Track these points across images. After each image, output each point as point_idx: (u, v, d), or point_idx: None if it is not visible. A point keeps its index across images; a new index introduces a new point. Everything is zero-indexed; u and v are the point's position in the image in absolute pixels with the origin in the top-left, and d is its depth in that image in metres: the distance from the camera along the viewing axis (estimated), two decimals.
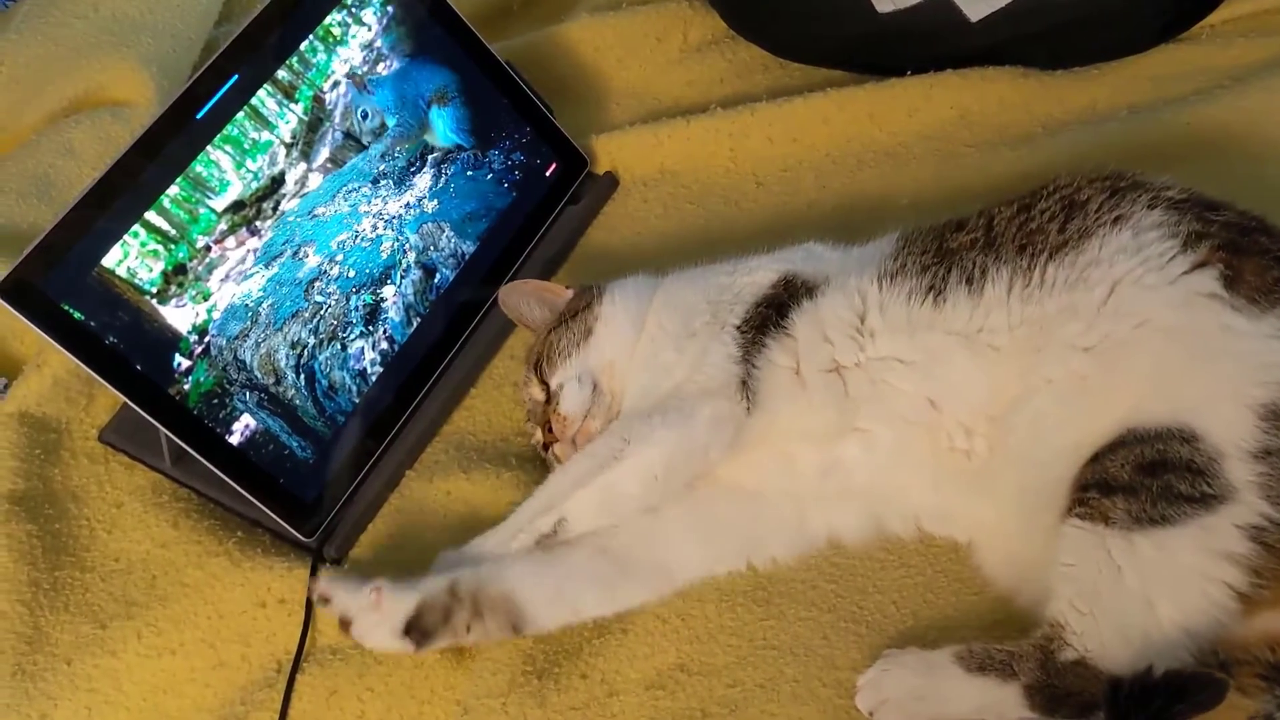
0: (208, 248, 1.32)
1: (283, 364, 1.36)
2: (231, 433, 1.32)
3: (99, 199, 1.25)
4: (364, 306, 1.43)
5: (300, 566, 1.33)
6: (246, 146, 1.35)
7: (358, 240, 1.43)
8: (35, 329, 1.21)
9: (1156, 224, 1.18)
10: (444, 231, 1.50)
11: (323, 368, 1.39)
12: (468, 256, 1.52)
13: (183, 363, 1.30)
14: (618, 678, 1.23)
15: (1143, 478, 1.08)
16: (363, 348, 1.42)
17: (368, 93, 1.45)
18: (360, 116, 1.45)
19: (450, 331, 1.49)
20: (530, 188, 1.59)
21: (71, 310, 1.23)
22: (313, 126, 1.41)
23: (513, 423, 1.47)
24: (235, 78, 1.34)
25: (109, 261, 1.25)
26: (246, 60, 1.35)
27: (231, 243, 1.34)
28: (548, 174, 1.61)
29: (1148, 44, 1.69)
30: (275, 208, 1.37)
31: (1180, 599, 1.05)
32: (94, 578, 1.34)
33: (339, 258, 1.42)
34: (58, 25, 1.86)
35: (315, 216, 1.41)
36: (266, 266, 1.36)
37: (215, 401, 1.31)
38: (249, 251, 1.35)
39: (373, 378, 1.42)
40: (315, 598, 1.25)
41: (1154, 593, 1.06)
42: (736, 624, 1.25)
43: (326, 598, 1.23)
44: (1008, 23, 1.63)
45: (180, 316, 1.30)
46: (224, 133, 1.33)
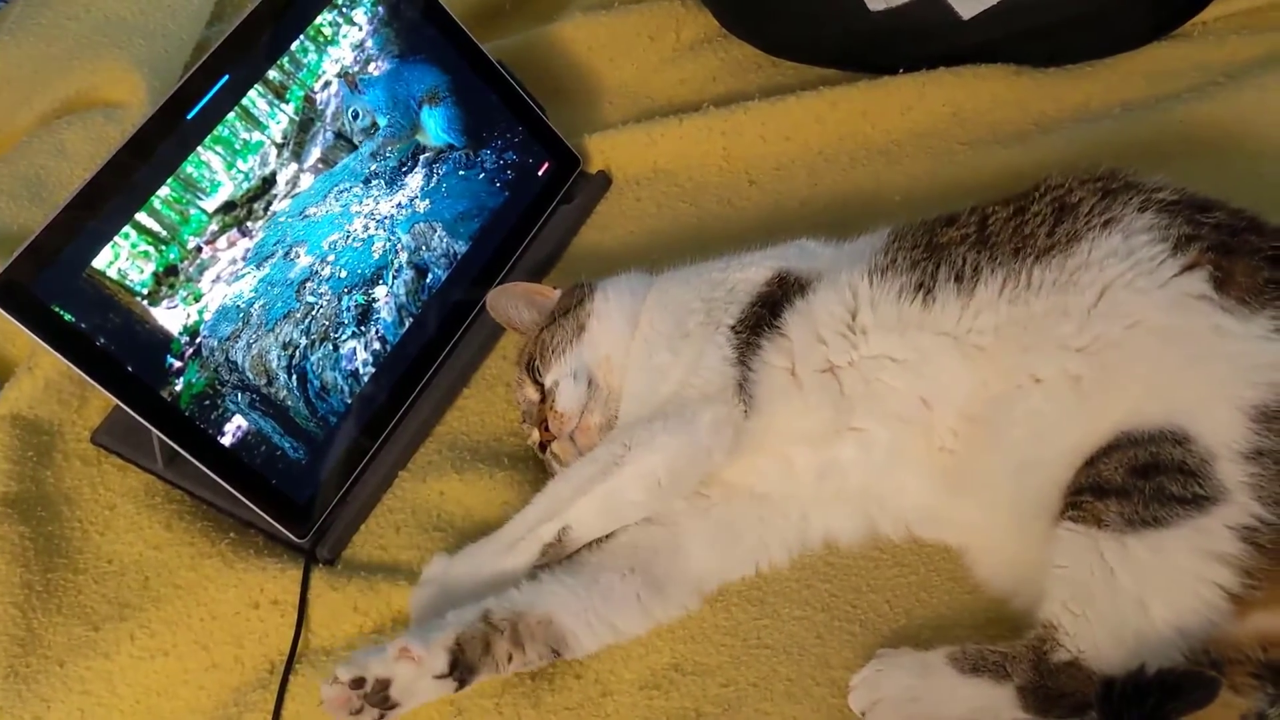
0: (199, 249, 1.32)
1: (274, 365, 1.36)
2: (223, 434, 1.32)
3: (89, 200, 1.25)
4: (356, 307, 1.42)
5: (293, 567, 1.33)
6: (237, 147, 1.35)
7: (349, 240, 1.43)
8: (26, 331, 1.21)
9: (1147, 227, 1.18)
10: (436, 231, 1.50)
11: (315, 368, 1.39)
12: (460, 256, 1.52)
13: (174, 364, 1.29)
14: (612, 678, 1.23)
15: (1135, 480, 1.08)
16: (355, 348, 1.42)
17: (359, 92, 1.45)
18: (351, 116, 1.44)
19: (443, 331, 1.49)
20: (523, 187, 1.59)
21: (62, 312, 1.22)
22: (304, 126, 1.40)
23: (506, 423, 1.46)
24: (226, 78, 1.34)
25: (100, 263, 1.25)
26: (237, 60, 1.35)
27: (223, 243, 1.34)
28: (540, 173, 1.61)
29: (1141, 41, 1.69)
30: (266, 208, 1.37)
31: (1173, 600, 1.05)
32: (87, 579, 1.34)
33: (331, 258, 1.41)
34: (50, 26, 1.86)
35: (307, 217, 1.40)
36: (258, 267, 1.36)
37: (207, 403, 1.31)
38: (240, 252, 1.35)
39: (365, 378, 1.42)
40: (349, 682, 1.13)
41: (1147, 594, 1.06)
42: (730, 623, 1.25)
43: (359, 678, 1.13)
44: (1000, 20, 1.63)
45: (171, 318, 1.30)
46: (215, 133, 1.33)
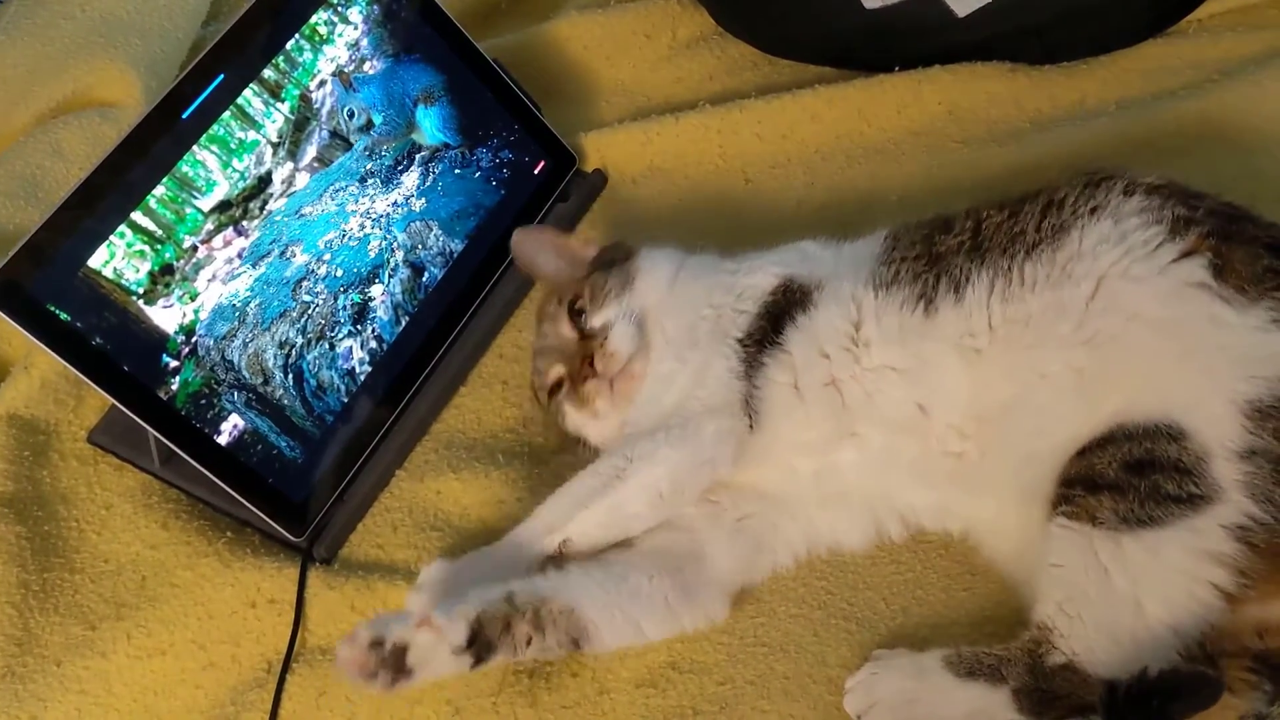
0: (194, 248, 1.32)
1: (271, 364, 1.36)
2: (220, 433, 1.32)
3: (85, 200, 1.24)
4: (352, 306, 1.42)
5: (290, 566, 1.33)
6: (233, 146, 1.35)
7: (345, 239, 1.43)
8: (22, 331, 1.20)
9: (1138, 209, 1.17)
10: (432, 230, 1.50)
11: (311, 367, 1.38)
12: (456, 255, 1.51)
13: (170, 363, 1.29)
14: (608, 676, 1.23)
15: (1130, 476, 1.07)
16: (351, 347, 1.42)
17: (354, 91, 1.45)
18: (346, 115, 1.44)
19: (439, 330, 1.49)
20: (519, 185, 1.59)
21: (58, 312, 1.22)
22: (299, 125, 1.40)
23: (503, 421, 1.46)
24: (221, 77, 1.33)
25: (95, 262, 1.25)
26: (232, 60, 1.35)
27: (218, 242, 1.34)
28: (536, 172, 1.61)
29: (1137, 38, 1.69)
30: (262, 207, 1.37)
31: (1168, 601, 1.05)
32: (83, 579, 1.34)
33: (326, 257, 1.41)
34: (45, 26, 1.85)
35: (302, 216, 1.40)
36: (254, 266, 1.36)
37: (203, 402, 1.31)
38: (236, 251, 1.35)
39: (361, 377, 1.42)
40: (368, 643, 1.10)
41: (1142, 595, 1.05)
42: (727, 621, 1.25)
43: (378, 639, 1.10)
44: (995, 17, 1.63)
45: (167, 317, 1.30)
46: (210, 132, 1.32)
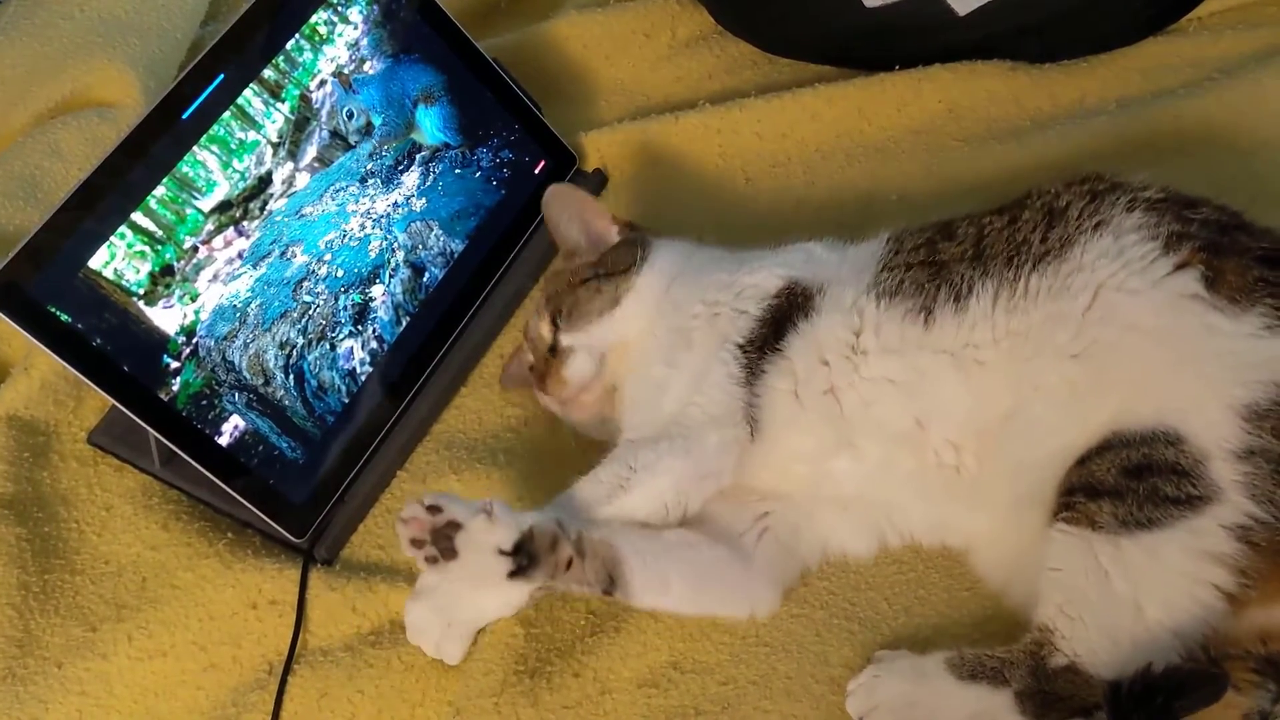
0: (195, 248, 1.32)
1: (271, 364, 1.36)
2: (220, 434, 1.32)
3: (85, 200, 1.24)
4: (353, 306, 1.42)
5: (291, 567, 1.33)
6: (233, 146, 1.35)
7: (346, 239, 1.43)
8: (22, 332, 1.20)
9: (1136, 226, 1.17)
10: (432, 230, 1.50)
11: (312, 368, 1.38)
12: (456, 255, 1.51)
13: (171, 364, 1.29)
14: (610, 676, 1.23)
15: (1129, 481, 1.07)
16: (352, 347, 1.41)
17: (354, 92, 1.45)
18: (346, 116, 1.44)
19: (440, 330, 1.49)
20: (519, 185, 1.58)
21: (58, 313, 1.22)
22: (299, 126, 1.40)
23: (504, 421, 1.46)
24: (221, 77, 1.33)
25: (95, 263, 1.25)
26: (232, 60, 1.34)
27: (219, 243, 1.33)
28: (536, 171, 1.61)
29: (1136, 37, 1.69)
30: (263, 208, 1.37)
31: (1168, 602, 1.05)
32: (84, 580, 1.34)
33: (327, 257, 1.41)
34: (44, 26, 1.85)
35: (303, 216, 1.40)
36: (254, 267, 1.36)
37: (204, 403, 1.31)
38: (236, 252, 1.35)
39: (362, 377, 1.42)
40: (426, 503, 1.12)
41: (1142, 596, 1.06)
42: (729, 621, 1.25)
43: (438, 506, 1.12)
44: (996, 16, 1.62)
45: (168, 318, 1.29)
46: (210, 133, 1.32)
